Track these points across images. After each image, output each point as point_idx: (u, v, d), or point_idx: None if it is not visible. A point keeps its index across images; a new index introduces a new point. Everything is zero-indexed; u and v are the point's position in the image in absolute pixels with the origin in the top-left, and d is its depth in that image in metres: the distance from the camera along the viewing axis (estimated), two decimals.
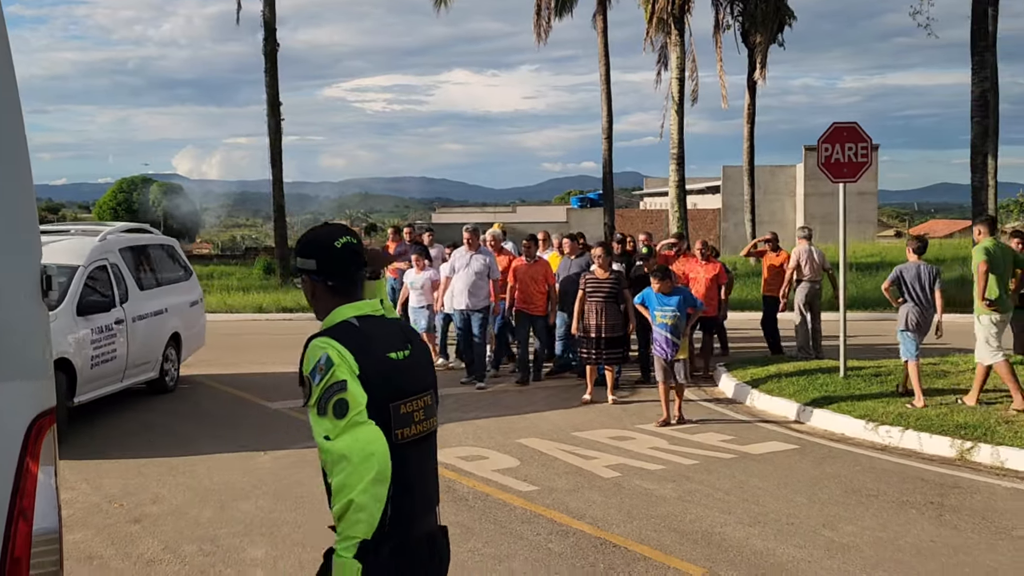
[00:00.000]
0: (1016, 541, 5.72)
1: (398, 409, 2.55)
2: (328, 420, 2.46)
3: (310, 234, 2.81)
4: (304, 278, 2.72)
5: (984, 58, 20.72)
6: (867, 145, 10.33)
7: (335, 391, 2.46)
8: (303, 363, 2.55)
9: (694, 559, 5.38)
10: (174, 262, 11.77)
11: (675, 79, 26.87)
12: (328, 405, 2.46)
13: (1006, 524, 6.05)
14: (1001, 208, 54.47)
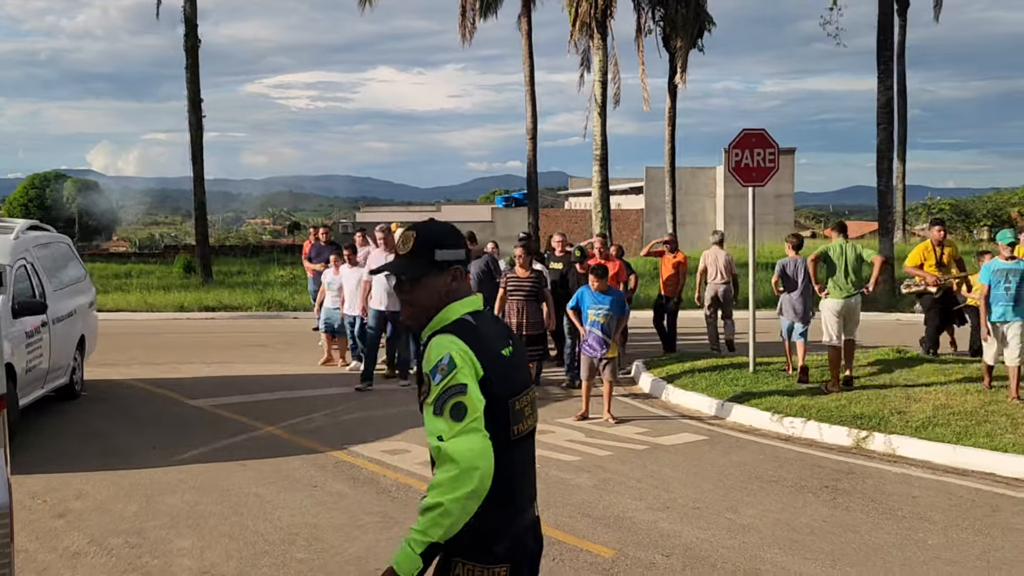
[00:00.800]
0: (900, 521, 6.18)
1: (514, 405, 2.62)
2: (443, 421, 2.48)
3: (441, 227, 2.79)
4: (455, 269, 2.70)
5: (889, 67, 21.58)
6: (775, 151, 10.83)
7: (454, 393, 2.49)
8: (423, 360, 2.58)
9: (606, 541, 5.70)
10: (74, 261, 11.13)
11: (598, 82, 27.37)
12: (445, 406, 2.48)
13: (892, 506, 6.52)
14: (909, 211, 56.40)
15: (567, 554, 5.48)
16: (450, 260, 2.69)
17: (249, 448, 8.19)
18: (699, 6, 33.63)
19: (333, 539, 5.73)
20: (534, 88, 31.31)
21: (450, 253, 2.69)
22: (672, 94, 35.37)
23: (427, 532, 2.44)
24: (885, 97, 21.70)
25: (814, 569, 5.26)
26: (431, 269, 2.67)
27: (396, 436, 8.66)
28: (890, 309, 19.93)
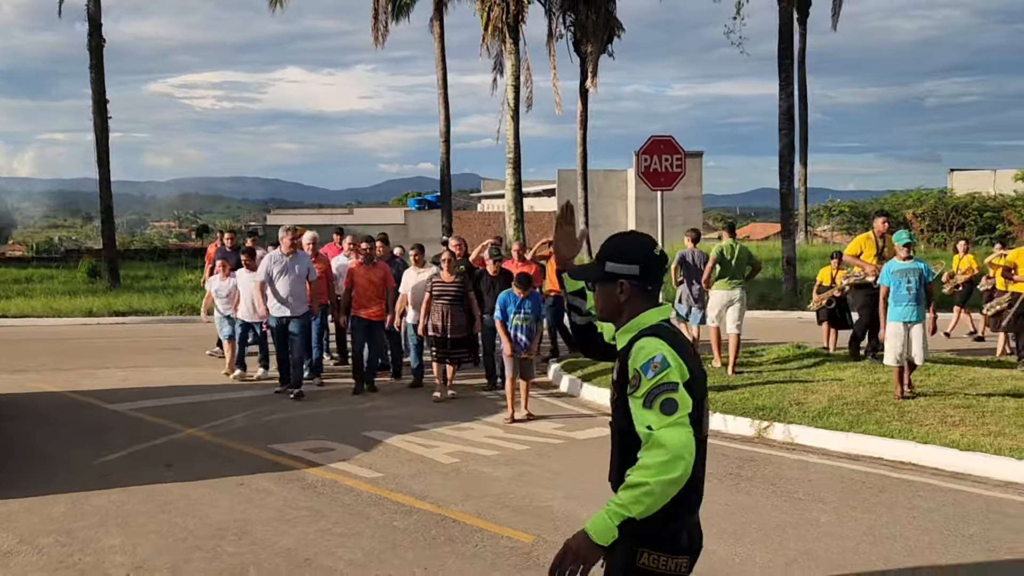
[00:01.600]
0: (797, 502, 6.66)
1: (703, 408, 2.85)
2: (653, 414, 2.66)
3: (625, 241, 3.00)
4: (621, 283, 2.91)
5: (789, 75, 22.49)
6: (681, 156, 11.34)
7: (665, 390, 2.67)
8: (631, 356, 2.77)
9: (525, 529, 6.01)
10: None
11: (510, 86, 27.79)
12: (656, 401, 2.67)
13: (790, 489, 7.00)
14: (811, 212, 58.29)
15: (488, 541, 5.78)
16: (617, 273, 2.93)
17: (172, 450, 8.27)
18: (608, 12, 34.35)
19: (262, 533, 5.91)
20: (447, 91, 31.54)
21: (618, 267, 2.93)
22: (583, 98, 36.01)
23: (628, 507, 2.61)
24: (786, 104, 22.60)
25: (718, 547, 5.67)
26: (603, 277, 2.94)
27: (318, 434, 8.83)
28: (792, 308, 20.82)
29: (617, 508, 2.62)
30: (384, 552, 5.56)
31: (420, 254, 11.66)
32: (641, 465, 2.63)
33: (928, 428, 8.27)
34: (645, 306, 2.93)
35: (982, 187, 57.99)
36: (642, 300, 2.94)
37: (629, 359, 2.79)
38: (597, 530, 2.65)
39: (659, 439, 2.63)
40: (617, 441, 2.89)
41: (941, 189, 57.93)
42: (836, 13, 41.50)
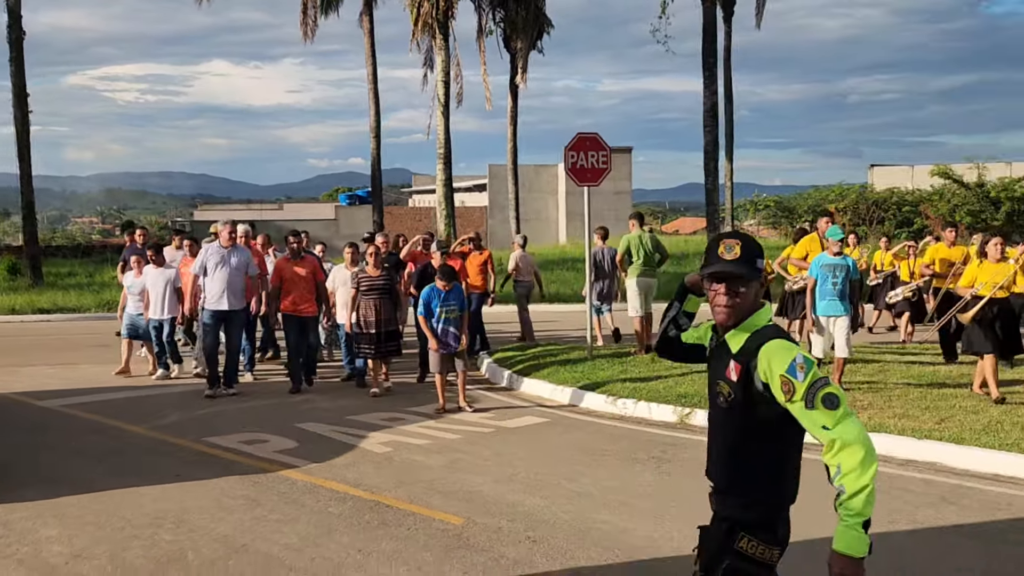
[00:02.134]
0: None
1: None
2: (819, 412, 2.75)
3: (753, 239, 3.04)
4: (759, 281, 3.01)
5: (713, 74, 23.09)
6: (607, 153, 11.67)
7: (820, 386, 2.76)
8: (759, 361, 2.85)
9: (456, 512, 6.24)
10: None
11: (440, 82, 27.93)
12: (816, 399, 2.75)
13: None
14: (738, 207, 59.52)
15: (420, 524, 6.00)
16: (763, 270, 3.03)
17: (105, 444, 8.31)
18: (538, 9, 34.68)
19: (199, 521, 6.04)
20: (377, 86, 31.56)
21: (763, 264, 3.02)
22: (513, 94, 36.31)
23: (863, 512, 2.71)
24: (710, 102, 23.21)
25: (640, 525, 5.98)
26: (755, 275, 2.98)
27: (252, 427, 8.95)
28: None
29: (856, 519, 2.72)
30: (320, 537, 5.74)
31: (356, 252, 11.54)
32: (849, 470, 2.72)
33: None
34: (759, 305, 3.04)
35: (900, 182, 59.84)
36: (757, 299, 3.04)
37: (757, 363, 2.87)
38: (852, 546, 2.73)
39: (845, 438, 2.74)
40: (728, 434, 3.02)
41: (862, 184, 59.68)
42: (760, 12, 42.38)
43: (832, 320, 9.84)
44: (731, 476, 3.01)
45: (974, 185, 50.90)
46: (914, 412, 8.64)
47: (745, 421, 2.94)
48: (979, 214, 47.47)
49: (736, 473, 3.01)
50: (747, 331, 2.97)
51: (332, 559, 5.35)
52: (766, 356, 2.85)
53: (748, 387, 2.89)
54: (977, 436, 7.72)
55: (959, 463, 7.34)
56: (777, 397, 2.84)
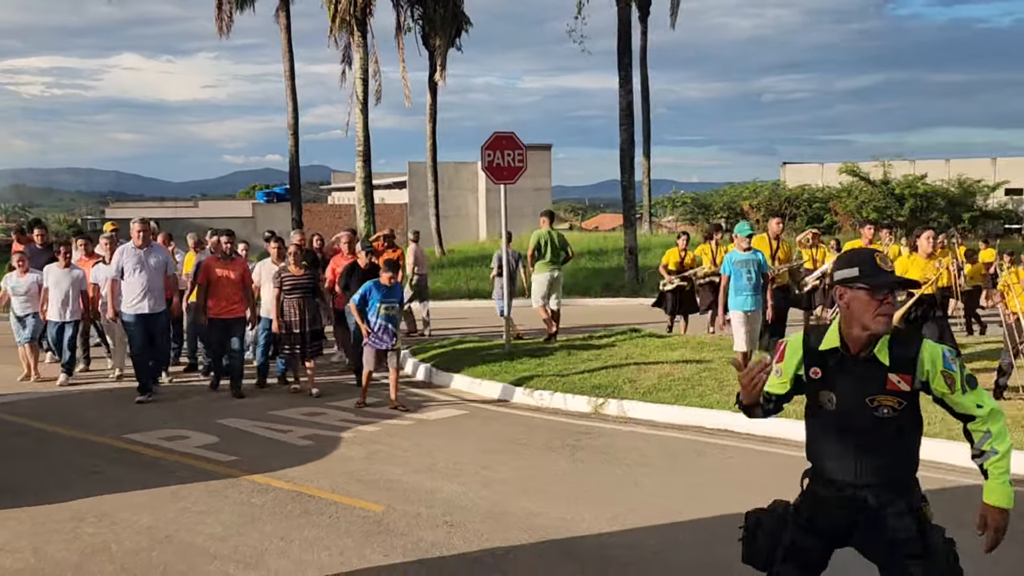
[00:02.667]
0: (626, 468, 7.35)
1: None
2: (974, 394, 3.22)
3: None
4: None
5: (628, 74, 23.54)
6: (523, 152, 11.96)
7: (965, 369, 3.23)
8: (933, 362, 3.21)
9: (376, 500, 6.45)
10: None
11: (359, 79, 27.87)
12: (968, 383, 3.22)
13: (620, 457, 7.70)
14: (656, 204, 60.60)
15: (342, 512, 6.18)
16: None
17: (21, 443, 8.27)
18: (456, 6, 34.81)
19: (122, 515, 6.12)
20: (295, 83, 31.29)
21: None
22: (433, 91, 36.37)
23: (1009, 469, 3.20)
24: (626, 101, 23.68)
25: (553, 508, 6.27)
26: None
27: (173, 424, 8.99)
28: (635, 295, 21.91)
29: (1006, 475, 3.20)
30: (243, 526, 5.89)
31: (283, 247, 11.39)
32: (998, 433, 3.20)
33: None
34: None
35: (811, 179, 61.67)
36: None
37: (919, 366, 3.23)
38: (1004, 498, 3.20)
39: (993, 408, 3.24)
40: (888, 435, 3.28)
41: (775, 181, 61.37)
42: (674, 12, 43.24)
43: (750, 314, 10.10)
44: (895, 469, 3.32)
45: (880, 182, 52.88)
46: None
47: (907, 420, 3.29)
48: (884, 210, 49.31)
49: (900, 465, 3.33)
50: (883, 341, 3.28)
51: (255, 547, 5.51)
52: (929, 357, 3.22)
53: (910, 393, 3.25)
54: None
55: None
56: (937, 391, 3.25)
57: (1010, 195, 61.89)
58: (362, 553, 5.42)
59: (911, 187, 52.26)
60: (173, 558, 5.35)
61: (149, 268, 10.14)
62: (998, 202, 58.64)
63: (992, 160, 67.69)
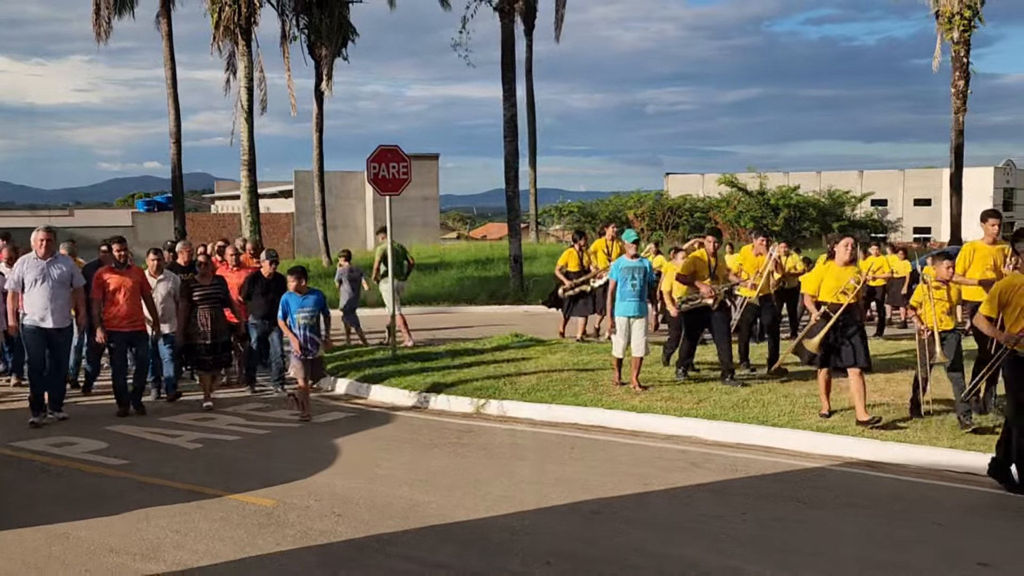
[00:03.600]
0: (503, 461, 7.89)
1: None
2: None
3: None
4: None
5: (512, 87, 24.16)
6: (408, 164, 12.41)
7: None
8: None
9: (268, 496, 6.81)
10: None
11: (244, 88, 27.72)
12: None
13: (498, 452, 8.24)
14: (543, 212, 61.78)
15: (234, 507, 6.52)
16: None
17: None
18: (342, 17, 34.93)
19: (17, 516, 6.31)
20: (176, 91, 30.84)
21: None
22: (319, 101, 36.33)
23: None
24: (510, 113, 24.31)
25: (434, 498, 6.74)
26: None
27: (60, 432, 9.08)
28: (519, 302, 22.52)
29: None
30: (139, 522, 6.17)
31: (161, 260, 10.96)
32: None
33: (615, 397, 9.84)
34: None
35: (693, 190, 63.91)
36: None
37: None
38: None
39: None
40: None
41: (658, 191, 63.37)
42: (559, 26, 44.29)
43: (634, 320, 10.34)
44: None
45: (756, 193, 55.28)
46: (678, 395, 9.87)
47: None
48: (760, 219, 51.61)
49: None
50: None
51: (151, 540, 5.81)
52: None
53: None
54: (726, 412, 9.00)
55: (711, 435, 8.56)
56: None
57: (875, 205, 65.58)
58: (255, 543, 5.78)
59: (785, 198, 54.85)
60: (71, 554, 5.61)
61: (52, 281, 9.47)
62: (865, 212, 62.08)
63: (859, 173, 71.57)
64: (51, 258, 9.65)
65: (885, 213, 66.71)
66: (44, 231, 9.81)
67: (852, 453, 7.89)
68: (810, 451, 8.05)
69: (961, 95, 31.06)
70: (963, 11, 30.55)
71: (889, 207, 68.34)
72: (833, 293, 8.75)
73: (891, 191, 69.48)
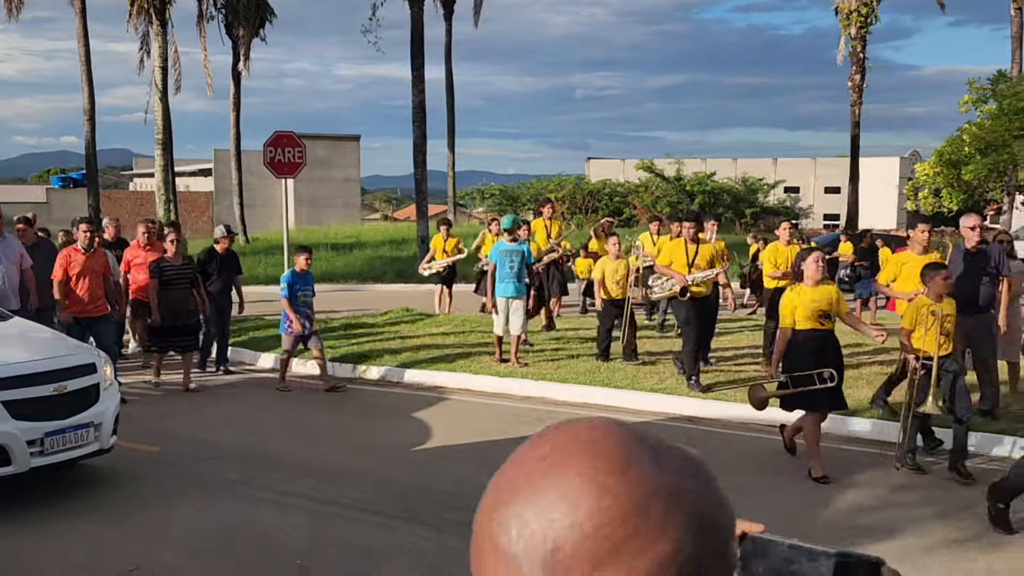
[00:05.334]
0: (373, 417, 8.93)
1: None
2: None
3: None
4: None
5: (421, 73, 24.99)
6: (303, 149, 13.28)
7: None
8: None
9: (152, 444, 7.72)
10: None
11: (158, 68, 28.01)
12: None
13: (372, 411, 9.27)
14: (466, 195, 62.67)
15: (122, 453, 7.38)
16: None
17: None
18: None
19: None
20: (90, 67, 30.83)
21: None
22: (236, 81, 36.57)
23: None
24: (419, 98, 25.13)
25: (305, 447, 7.74)
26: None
27: None
28: (424, 281, 23.45)
29: None
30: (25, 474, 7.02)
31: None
32: None
33: (483, 364, 10.89)
34: None
35: (613, 174, 65.25)
36: None
37: None
38: None
39: None
40: None
41: (579, 176, 64.64)
42: (478, 12, 45.01)
43: (512, 301, 10.82)
44: None
45: (673, 179, 56.93)
46: (540, 364, 10.97)
47: None
48: (677, 205, 53.28)
49: None
50: None
51: (40, 486, 6.68)
52: None
53: None
54: (577, 377, 10.14)
55: (560, 396, 9.69)
56: None
57: (788, 193, 67.96)
58: (140, 487, 6.71)
59: (701, 184, 56.61)
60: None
61: (3, 262, 8.88)
62: (778, 199, 64.30)
63: (774, 160, 73.92)
64: (1, 238, 9.11)
65: (797, 200, 69.04)
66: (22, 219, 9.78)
67: (678, 410, 9.09)
68: (643, 408, 9.22)
69: (858, 88, 32.88)
70: (860, 8, 32.31)
71: (801, 194, 70.67)
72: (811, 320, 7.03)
73: (803, 179, 71.88)
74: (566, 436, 0.76)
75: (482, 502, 0.78)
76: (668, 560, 0.68)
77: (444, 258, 15.37)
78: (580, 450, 0.74)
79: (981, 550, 5.48)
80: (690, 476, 0.74)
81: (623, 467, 0.71)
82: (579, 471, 0.72)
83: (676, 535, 0.69)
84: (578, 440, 0.75)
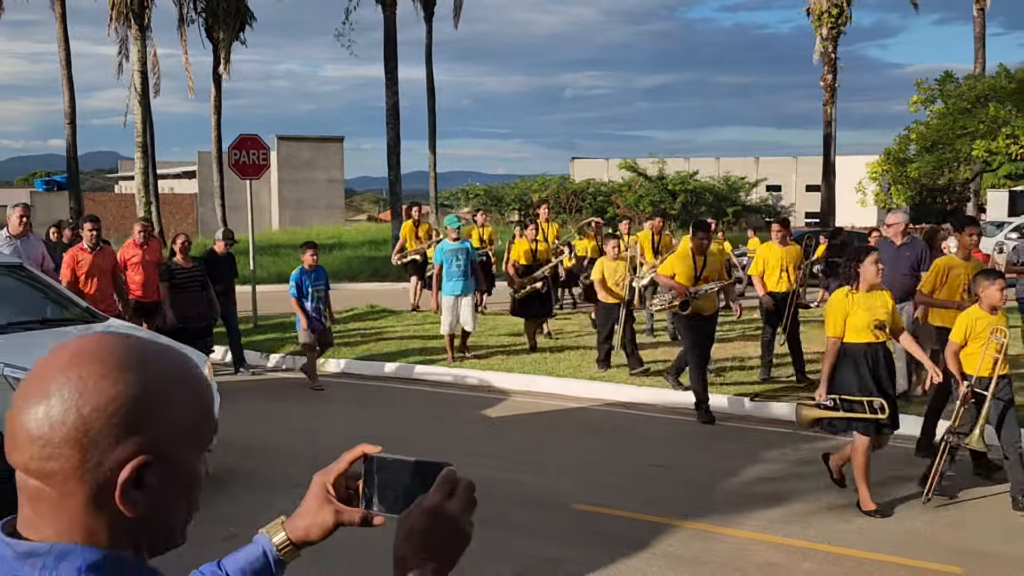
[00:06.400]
0: (330, 406, 9.41)
1: None
2: None
3: None
4: None
5: (394, 76, 25.43)
6: (266, 151, 13.73)
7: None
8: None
9: None
10: None
11: (137, 72, 28.33)
12: None
13: (329, 401, 9.75)
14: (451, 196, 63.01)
15: None
16: None
17: None
18: (240, 1, 35.64)
19: None
20: (71, 71, 31.13)
21: None
22: (217, 84, 36.90)
23: None
24: (392, 100, 25.55)
25: (257, 432, 8.18)
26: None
27: None
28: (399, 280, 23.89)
29: None
30: None
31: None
32: None
33: (437, 356, 11.36)
34: None
35: (598, 174, 65.66)
36: None
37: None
38: None
39: None
40: None
41: (563, 175, 65.04)
42: (457, 13, 45.41)
43: (458, 299, 10.99)
44: None
45: (656, 178, 57.39)
46: (491, 357, 11.45)
47: None
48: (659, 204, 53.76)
49: None
50: None
51: None
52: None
53: None
54: (523, 366, 10.64)
55: (506, 385, 10.18)
56: None
57: (770, 191, 68.56)
58: None
59: (684, 183, 57.09)
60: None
61: (25, 261, 8.55)
62: (760, 197, 64.86)
63: (755, 159, 74.52)
64: (24, 237, 9.33)
65: (779, 198, 69.61)
66: (22, 207, 9.55)
67: (616, 397, 9.58)
68: (583, 396, 9.71)
69: (830, 88, 33.41)
70: (831, 9, 32.86)
71: (783, 192, 71.21)
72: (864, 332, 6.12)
73: (785, 177, 72.43)
74: (78, 345, 1.02)
75: (14, 398, 0.99)
76: (168, 433, 1.00)
77: (417, 245, 15.41)
78: (91, 356, 1.00)
79: (858, 514, 5.98)
80: (174, 381, 1.03)
81: (125, 367, 0.99)
82: (92, 371, 0.98)
83: (173, 414, 1.01)
84: (88, 348, 1.01)
